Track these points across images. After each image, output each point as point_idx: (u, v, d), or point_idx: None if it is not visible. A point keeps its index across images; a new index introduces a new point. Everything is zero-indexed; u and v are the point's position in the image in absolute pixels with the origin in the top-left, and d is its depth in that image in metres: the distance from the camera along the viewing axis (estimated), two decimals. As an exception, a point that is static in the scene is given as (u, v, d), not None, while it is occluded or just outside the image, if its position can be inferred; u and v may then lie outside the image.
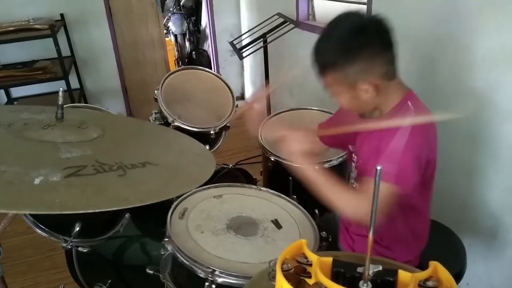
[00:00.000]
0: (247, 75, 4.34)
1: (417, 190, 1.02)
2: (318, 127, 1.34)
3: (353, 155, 1.18)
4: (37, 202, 0.67)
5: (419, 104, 1.04)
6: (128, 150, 0.95)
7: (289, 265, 0.56)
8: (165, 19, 5.12)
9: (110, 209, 0.70)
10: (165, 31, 4.77)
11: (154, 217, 1.48)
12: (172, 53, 5.11)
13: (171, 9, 5.17)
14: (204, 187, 1.32)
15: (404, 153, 0.96)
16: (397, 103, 1.04)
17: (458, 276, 1.21)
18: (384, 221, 0.93)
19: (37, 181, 0.71)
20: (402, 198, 0.98)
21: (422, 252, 1.20)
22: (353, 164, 1.17)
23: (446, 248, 1.28)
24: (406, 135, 0.97)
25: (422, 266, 0.53)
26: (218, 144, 1.84)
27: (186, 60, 5.17)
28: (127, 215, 1.36)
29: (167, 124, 1.66)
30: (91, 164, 0.80)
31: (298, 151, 1.06)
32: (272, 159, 1.60)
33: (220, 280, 0.96)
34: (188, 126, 1.64)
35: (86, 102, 3.71)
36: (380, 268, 0.51)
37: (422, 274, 0.52)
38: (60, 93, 0.92)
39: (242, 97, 4.47)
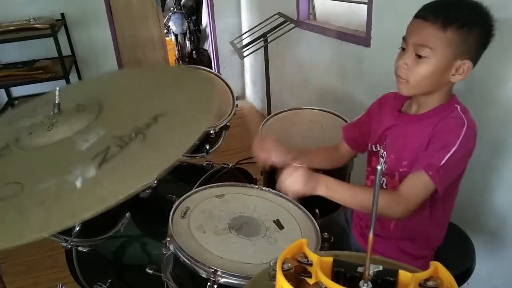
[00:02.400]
0: (248, 75, 4.34)
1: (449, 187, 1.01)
2: (343, 129, 1.34)
3: (381, 151, 1.16)
4: (91, 202, 0.66)
5: (466, 110, 1.02)
6: (133, 111, 0.89)
7: (289, 264, 0.56)
8: (166, 18, 5.13)
9: (155, 175, 0.68)
10: (165, 30, 4.77)
11: (155, 217, 1.48)
12: (172, 53, 5.11)
13: (171, 8, 5.18)
14: (206, 186, 1.32)
15: (455, 151, 0.94)
16: (443, 103, 1.03)
17: (467, 272, 1.21)
18: (413, 212, 0.95)
19: (78, 184, 0.69)
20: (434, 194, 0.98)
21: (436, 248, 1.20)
22: (381, 160, 1.16)
23: (455, 244, 1.28)
24: (461, 132, 0.95)
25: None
26: (218, 144, 1.84)
27: (187, 59, 5.17)
28: (127, 214, 1.36)
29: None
30: (112, 142, 0.76)
31: (292, 191, 1.00)
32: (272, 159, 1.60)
33: (222, 280, 0.96)
34: (188, 125, 1.64)
35: (86, 102, 3.71)
36: (381, 268, 0.52)
37: (422, 274, 0.52)
38: (57, 92, 0.91)
39: (242, 96, 4.47)
